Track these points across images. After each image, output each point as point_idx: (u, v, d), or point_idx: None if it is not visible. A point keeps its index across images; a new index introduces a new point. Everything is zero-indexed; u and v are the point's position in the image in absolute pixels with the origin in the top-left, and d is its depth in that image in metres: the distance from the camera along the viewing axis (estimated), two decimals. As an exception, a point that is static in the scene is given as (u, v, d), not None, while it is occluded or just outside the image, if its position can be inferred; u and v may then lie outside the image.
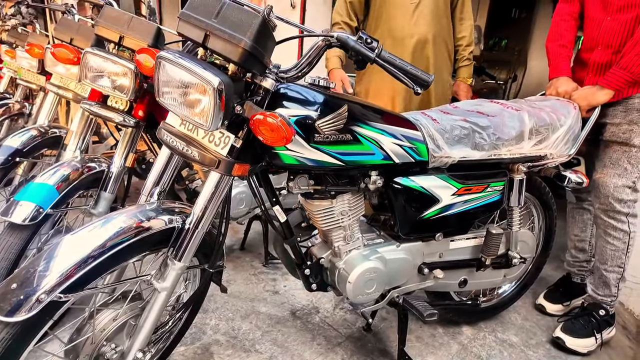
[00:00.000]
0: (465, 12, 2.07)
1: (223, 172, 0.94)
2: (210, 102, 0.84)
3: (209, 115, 0.86)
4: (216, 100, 0.84)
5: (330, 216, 1.22)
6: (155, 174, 1.05)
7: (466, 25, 2.08)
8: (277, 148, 1.01)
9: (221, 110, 0.85)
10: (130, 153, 1.47)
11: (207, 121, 0.86)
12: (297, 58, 3.24)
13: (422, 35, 1.94)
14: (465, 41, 2.08)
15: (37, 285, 0.77)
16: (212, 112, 0.85)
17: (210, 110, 0.85)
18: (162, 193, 1.05)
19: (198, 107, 0.88)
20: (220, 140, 0.94)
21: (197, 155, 0.93)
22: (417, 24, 1.93)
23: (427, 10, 1.93)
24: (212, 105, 0.84)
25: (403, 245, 1.33)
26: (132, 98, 1.37)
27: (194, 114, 0.89)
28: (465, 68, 2.11)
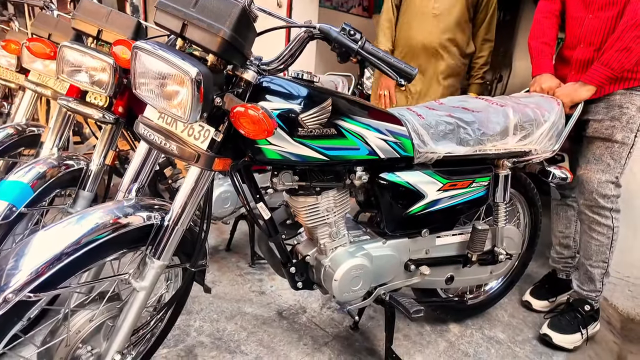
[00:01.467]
0: (490, 33, 2.21)
1: (203, 166, 0.91)
2: (188, 93, 0.82)
3: (187, 107, 0.83)
4: (194, 91, 0.81)
5: (316, 213, 1.20)
6: (133, 170, 1.02)
7: (487, 47, 2.23)
8: (259, 142, 0.99)
9: (199, 102, 0.83)
10: (110, 150, 1.43)
11: (185, 113, 0.84)
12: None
13: (438, 44, 2.08)
14: (482, 61, 2.24)
15: (4, 284, 0.74)
16: (190, 104, 0.82)
17: (188, 102, 0.83)
18: (141, 189, 1.02)
19: (176, 98, 0.85)
20: (200, 133, 0.92)
21: (176, 150, 0.91)
22: (432, 34, 2.08)
23: (445, 22, 2.07)
24: (190, 97, 0.82)
25: (389, 242, 1.31)
26: (111, 94, 1.33)
27: (171, 106, 0.86)
28: (476, 85, 2.29)
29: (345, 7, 4.43)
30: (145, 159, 1.01)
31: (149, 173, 1.03)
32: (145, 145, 1.01)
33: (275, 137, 0.99)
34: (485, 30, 2.19)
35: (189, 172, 0.96)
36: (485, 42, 2.22)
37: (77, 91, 1.42)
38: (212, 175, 0.98)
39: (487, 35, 2.20)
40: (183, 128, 0.93)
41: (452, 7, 2.08)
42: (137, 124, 0.96)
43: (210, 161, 0.91)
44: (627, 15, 1.39)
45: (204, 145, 0.91)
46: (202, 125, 0.91)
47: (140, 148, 1.02)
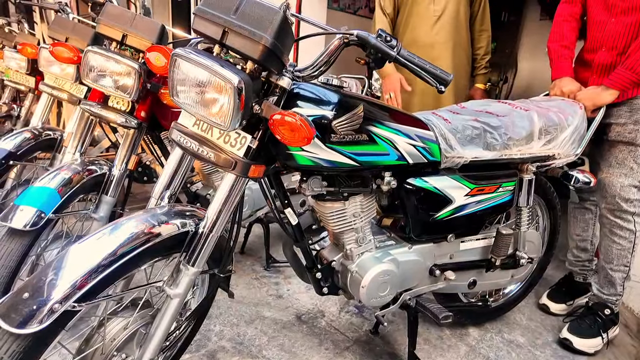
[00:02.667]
0: (485, 23, 2.23)
1: (239, 173, 0.91)
2: (230, 101, 0.81)
3: (228, 114, 0.83)
4: (235, 99, 0.81)
5: (343, 218, 1.20)
6: (165, 177, 1.01)
7: (484, 37, 2.24)
8: (291, 149, 0.99)
9: (240, 109, 0.82)
10: (132, 155, 1.43)
11: (226, 121, 0.83)
12: (293, 58, 3.22)
13: (442, 44, 2.09)
14: (483, 51, 2.26)
15: (48, 295, 0.73)
16: (231, 112, 0.82)
17: (229, 110, 0.82)
18: (173, 196, 1.02)
19: (215, 106, 0.84)
20: (236, 141, 0.91)
21: (213, 156, 0.90)
22: (438, 34, 2.09)
23: (447, 22, 2.09)
24: (231, 105, 0.81)
25: (415, 247, 1.31)
26: (135, 98, 1.33)
27: (211, 114, 0.85)
28: (481, 76, 2.30)
29: (353, 8, 4.42)
30: (178, 165, 1.01)
31: (181, 180, 1.02)
32: (178, 152, 1.01)
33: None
34: (480, 22, 2.20)
35: (224, 180, 0.96)
36: (481, 32, 2.22)
37: (100, 96, 1.42)
38: (246, 182, 0.98)
39: (483, 26, 2.21)
40: (219, 135, 0.93)
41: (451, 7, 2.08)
42: (172, 130, 0.96)
43: (247, 168, 0.91)
44: None
45: (241, 152, 0.91)
46: (239, 132, 0.91)
47: (174, 155, 1.01)
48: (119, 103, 1.42)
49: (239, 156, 0.90)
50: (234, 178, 0.95)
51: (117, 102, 1.42)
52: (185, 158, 1.01)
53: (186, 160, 1.01)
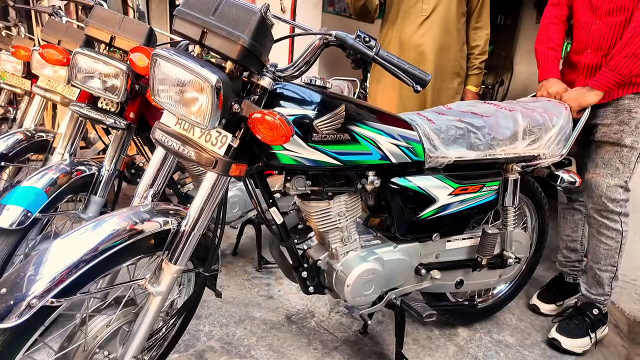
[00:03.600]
0: (482, 21, 2.08)
1: (220, 172, 0.92)
2: (208, 100, 0.83)
3: (207, 113, 0.84)
4: (214, 98, 0.82)
5: (328, 217, 1.21)
6: (148, 176, 1.02)
7: (481, 34, 2.10)
8: (274, 148, 1.00)
9: (219, 108, 0.84)
10: (121, 156, 1.44)
11: (205, 120, 0.85)
12: (288, 59, 3.24)
13: (428, 46, 1.98)
14: (479, 50, 2.11)
15: (27, 290, 0.74)
16: (209, 111, 0.83)
17: (207, 109, 0.83)
18: (156, 195, 1.03)
19: (195, 105, 0.86)
20: (217, 139, 0.93)
21: (194, 155, 0.91)
22: (424, 36, 1.98)
23: (436, 23, 1.97)
24: (209, 104, 0.83)
25: (400, 246, 1.32)
26: (123, 99, 1.35)
27: (190, 113, 0.87)
28: (474, 76, 2.15)
29: (348, 12, 4.45)
30: (161, 165, 1.02)
31: (165, 179, 1.03)
32: (161, 152, 1.02)
33: (290, 142, 1.00)
34: (476, 19, 2.06)
35: (205, 178, 0.97)
36: (477, 29, 2.07)
37: (89, 97, 1.43)
38: (227, 181, 0.99)
39: (479, 23, 2.07)
40: (200, 134, 0.94)
41: (442, 6, 1.96)
42: (154, 130, 0.97)
43: (227, 167, 0.92)
44: (635, 22, 1.40)
45: (221, 151, 0.92)
46: (219, 131, 0.92)
47: (157, 154, 1.03)
48: (108, 104, 1.43)
49: (219, 155, 0.91)
50: (215, 177, 0.97)
51: (107, 104, 1.43)
52: (168, 157, 1.02)
53: (169, 159, 1.02)
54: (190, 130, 0.95)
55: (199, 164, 0.92)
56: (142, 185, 1.02)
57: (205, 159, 0.91)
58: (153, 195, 1.03)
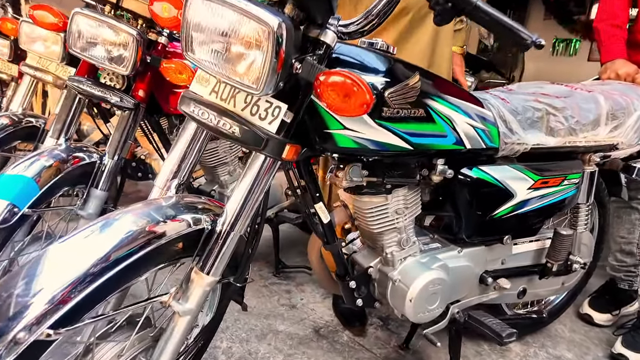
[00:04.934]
0: None
1: (272, 154, 0.70)
2: (266, 53, 0.61)
3: (263, 73, 0.62)
4: (273, 51, 0.60)
5: (384, 216, 1.00)
6: (173, 161, 0.79)
7: None
8: (331, 126, 0.79)
9: (278, 67, 0.62)
10: (127, 142, 1.21)
11: (259, 82, 0.63)
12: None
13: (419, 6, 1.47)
14: None
15: (14, 318, 0.51)
16: (267, 69, 0.62)
17: (264, 66, 0.61)
18: (182, 186, 0.81)
19: (245, 62, 0.64)
20: (266, 112, 0.70)
21: (238, 131, 0.69)
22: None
23: None
24: (268, 58, 0.61)
25: (465, 251, 1.11)
26: (131, 73, 1.11)
27: (238, 74, 0.65)
28: (457, 34, 1.68)
29: None
30: (188, 146, 0.79)
31: (192, 164, 0.81)
32: (190, 130, 0.79)
33: (352, 119, 0.79)
34: None
35: (250, 164, 0.74)
36: None
37: (90, 70, 1.20)
38: (276, 166, 0.77)
39: None
40: (244, 105, 0.71)
41: None
42: (182, 99, 0.75)
43: (281, 147, 0.70)
44: None
45: (273, 127, 0.70)
46: (270, 100, 0.70)
47: (184, 133, 0.80)
48: (113, 80, 1.20)
49: (271, 132, 0.69)
50: (261, 162, 0.74)
51: (111, 79, 1.20)
52: (197, 137, 0.80)
53: (199, 139, 0.80)
54: (230, 100, 0.73)
55: (244, 143, 0.70)
56: (164, 172, 0.79)
57: (253, 137, 0.69)
58: (177, 187, 0.80)
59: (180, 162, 0.81)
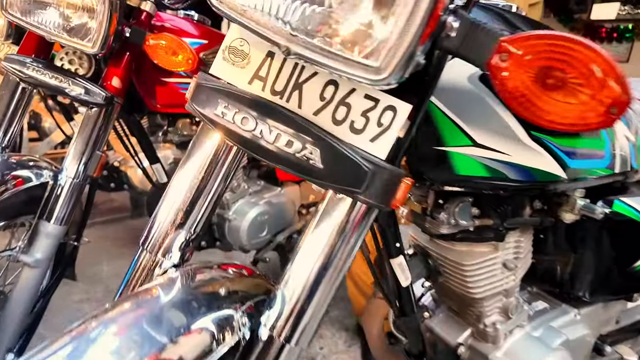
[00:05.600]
0: None
1: (377, 201, 0.36)
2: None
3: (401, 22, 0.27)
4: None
5: (490, 272, 0.66)
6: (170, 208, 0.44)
7: None
8: (448, 141, 0.46)
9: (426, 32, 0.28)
10: (95, 152, 0.83)
11: (388, 62, 0.28)
12: None
13: None
14: None
15: None
16: (408, 39, 0.27)
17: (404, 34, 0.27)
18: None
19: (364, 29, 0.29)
20: (366, 118, 0.36)
21: (317, 157, 0.34)
22: None
23: None
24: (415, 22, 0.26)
25: (583, 313, 0.79)
26: (102, 52, 0.74)
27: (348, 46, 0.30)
28: (532, 8, 1.42)
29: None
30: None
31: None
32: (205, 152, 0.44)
33: (487, 131, 0.46)
34: None
35: (317, 218, 0.39)
36: None
37: (37, 46, 0.82)
38: (371, 219, 0.41)
39: None
40: (320, 104, 0.37)
41: None
42: (198, 91, 0.39)
43: (393, 187, 0.36)
44: None
45: (380, 148, 0.35)
46: (373, 95, 0.36)
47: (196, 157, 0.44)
48: (74, 62, 0.83)
49: (376, 158, 0.35)
50: (348, 209, 0.39)
51: (71, 61, 0.82)
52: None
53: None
54: (293, 93, 0.38)
55: (325, 181, 0.35)
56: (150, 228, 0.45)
57: (342, 168, 0.34)
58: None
59: (184, 205, 0.44)
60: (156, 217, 0.45)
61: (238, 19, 0.34)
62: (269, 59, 0.39)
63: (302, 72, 0.38)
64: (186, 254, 0.45)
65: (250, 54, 0.40)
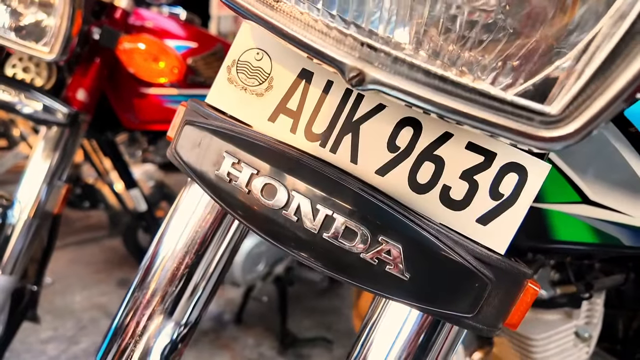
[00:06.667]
0: None
1: (484, 326, 0.21)
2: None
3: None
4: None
5: (563, 345, 0.52)
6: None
7: None
8: (551, 197, 0.31)
9: None
10: (55, 182, 0.67)
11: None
12: None
13: None
14: None
15: None
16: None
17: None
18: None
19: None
20: (481, 184, 0.21)
21: (422, 281, 0.19)
22: None
23: None
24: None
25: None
26: (63, 58, 0.58)
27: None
28: None
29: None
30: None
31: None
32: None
33: (608, 184, 0.31)
34: None
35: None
36: None
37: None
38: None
39: None
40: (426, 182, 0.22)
41: None
42: (184, 145, 0.24)
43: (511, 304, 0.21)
44: None
45: (499, 242, 0.20)
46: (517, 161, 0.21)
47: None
48: (29, 70, 0.66)
49: (494, 254, 0.20)
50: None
51: (25, 69, 0.66)
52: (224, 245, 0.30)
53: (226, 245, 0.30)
54: (343, 143, 0.22)
55: (400, 301, 0.20)
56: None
57: (457, 291, 0.20)
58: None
59: (171, 285, 0.29)
60: (130, 302, 0.30)
61: (265, 16, 0.19)
62: (303, 82, 0.24)
63: (359, 105, 0.23)
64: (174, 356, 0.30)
65: (273, 74, 0.24)
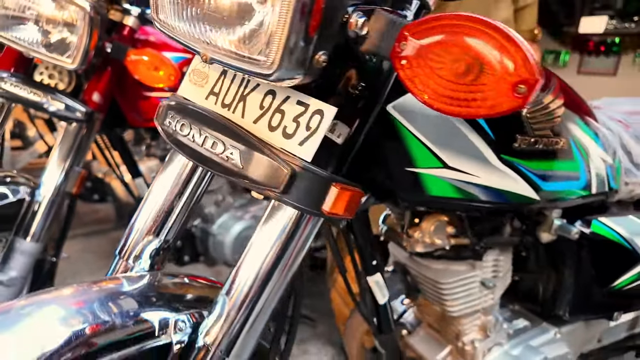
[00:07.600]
0: None
1: (300, 203, 0.36)
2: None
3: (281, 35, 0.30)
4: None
5: (469, 291, 0.66)
6: (145, 216, 0.44)
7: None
8: (419, 162, 0.46)
9: (314, 24, 0.29)
10: (74, 168, 0.83)
11: (272, 54, 0.29)
12: None
13: None
14: None
15: None
16: (285, 29, 0.28)
17: (284, 22, 0.28)
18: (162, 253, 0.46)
19: (251, 22, 0.30)
20: (297, 123, 0.36)
21: (237, 158, 0.35)
22: None
23: None
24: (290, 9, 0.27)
25: (563, 332, 0.79)
26: (82, 67, 0.74)
27: (242, 44, 0.31)
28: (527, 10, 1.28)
29: None
30: (171, 195, 0.44)
31: (177, 223, 0.45)
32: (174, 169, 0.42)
33: (457, 153, 0.46)
34: None
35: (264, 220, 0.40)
36: None
37: (16, 61, 0.81)
38: (316, 227, 0.41)
39: None
40: (259, 112, 0.37)
41: None
42: (162, 109, 0.40)
43: (321, 191, 0.36)
44: None
45: (306, 150, 0.35)
46: (304, 100, 0.36)
47: (166, 173, 0.43)
48: (54, 77, 0.82)
49: (301, 160, 0.35)
50: (285, 217, 0.39)
51: (51, 75, 0.82)
52: (186, 176, 0.44)
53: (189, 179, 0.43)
54: (238, 105, 0.38)
55: (250, 182, 0.35)
56: (129, 237, 0.44)
57: (266, 170, 0.35)
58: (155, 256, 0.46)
59: (158, 216, 0.45)
60: (132, 227, 0.46)
61: (171, 34, 0.35)
62: (223, 76, 0.40)
63: (247, 85, 0.39)
64: (157, 262, 0.45)
65: (209, 74, 0.40)
